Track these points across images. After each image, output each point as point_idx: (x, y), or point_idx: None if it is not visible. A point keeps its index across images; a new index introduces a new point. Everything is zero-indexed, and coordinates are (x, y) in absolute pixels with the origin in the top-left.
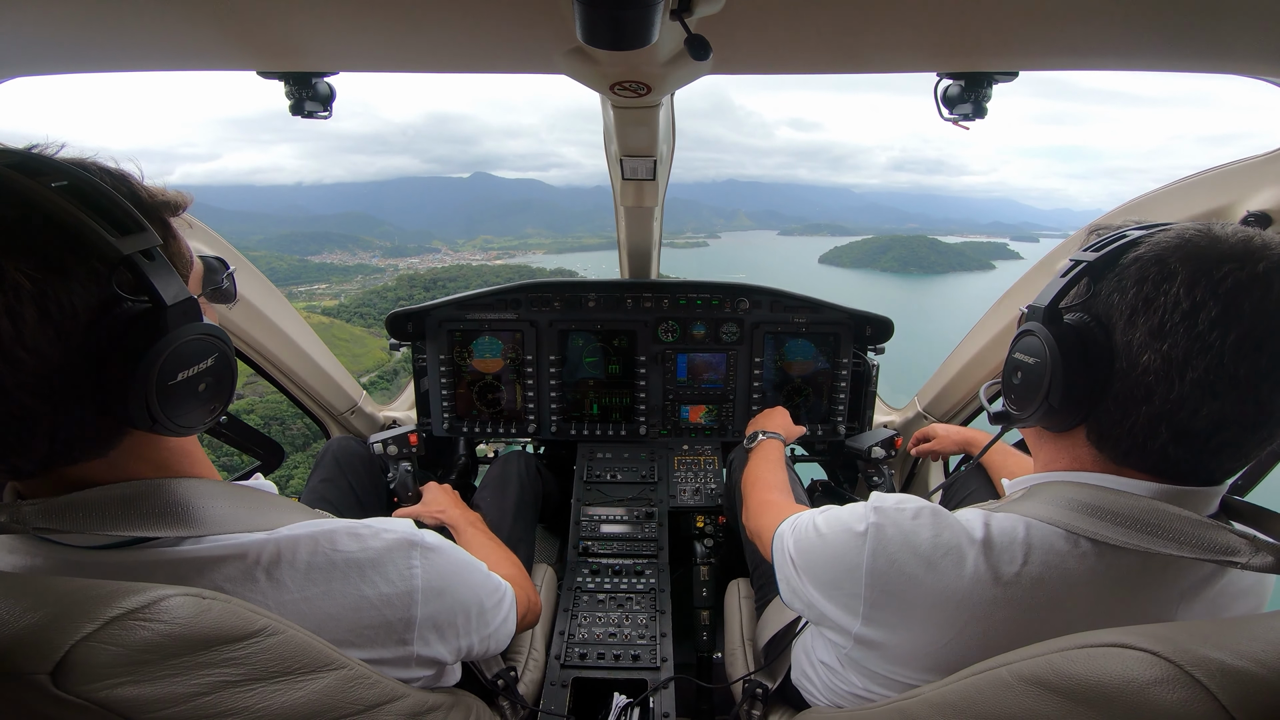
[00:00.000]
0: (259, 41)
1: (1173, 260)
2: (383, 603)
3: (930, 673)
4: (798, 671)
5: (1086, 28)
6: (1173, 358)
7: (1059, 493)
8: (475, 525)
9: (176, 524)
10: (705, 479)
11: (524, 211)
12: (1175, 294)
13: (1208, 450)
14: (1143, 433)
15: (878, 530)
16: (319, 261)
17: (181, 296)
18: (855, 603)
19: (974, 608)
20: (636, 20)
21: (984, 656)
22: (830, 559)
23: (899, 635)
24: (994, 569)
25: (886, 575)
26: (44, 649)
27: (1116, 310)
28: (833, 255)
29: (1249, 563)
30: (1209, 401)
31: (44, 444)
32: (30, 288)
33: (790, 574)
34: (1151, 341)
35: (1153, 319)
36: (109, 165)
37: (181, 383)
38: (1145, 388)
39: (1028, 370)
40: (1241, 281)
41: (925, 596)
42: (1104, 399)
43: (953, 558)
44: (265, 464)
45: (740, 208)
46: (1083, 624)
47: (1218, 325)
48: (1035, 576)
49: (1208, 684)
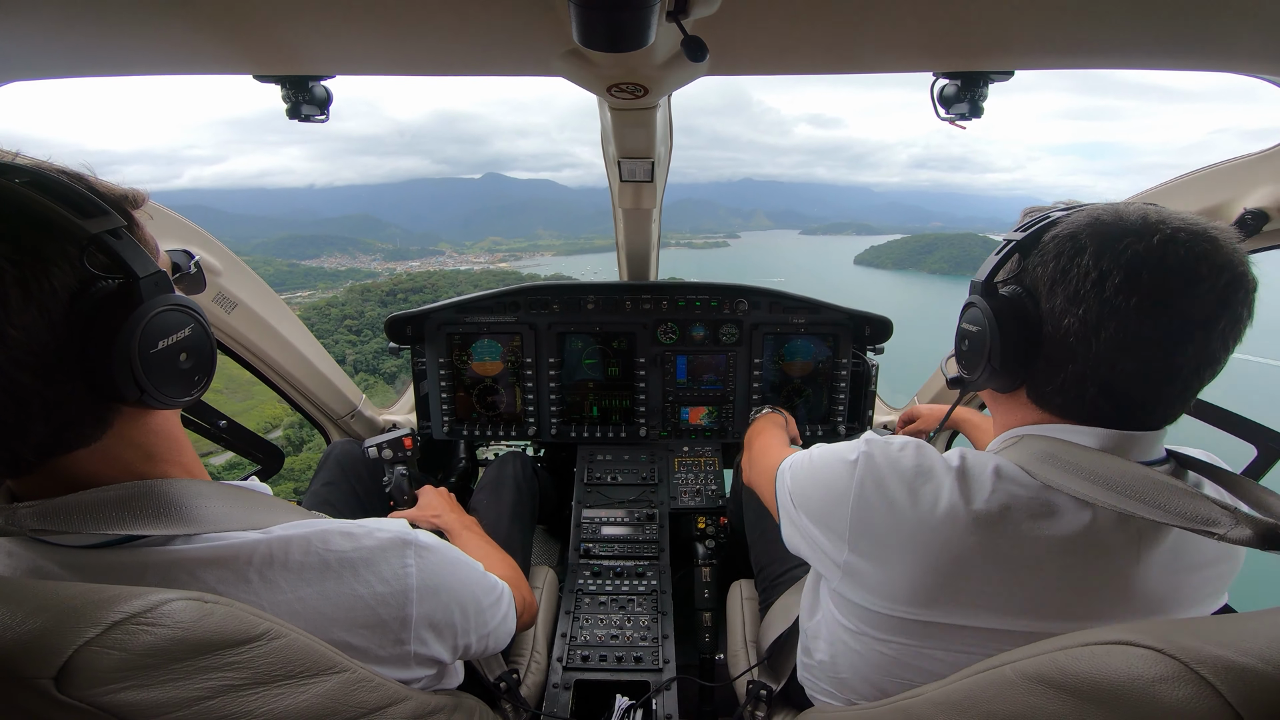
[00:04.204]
0: (255, 45)
1: (1083, 236)
2: (377, 602)
3: (912, 604)
4: (802, 669)
5: (1082, 26)
6: (1088, 320)
7: (1025, 446)
8: (471, 529)
9: (170, 523)
10: (706, 480)
11: (536, 213)
12: (1085, 265)
13: (1133, 403)
14: (1073, 389)
15: (867, 458)
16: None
17: (151, 269)
18: (843, 528)
19: (948, 532)
20: (633, 22)
21: (959, 589)
22: (823, 487)
23: (881, 563)
24: (966, 495)
25: (871, 501)
26: (47, 654)
27: (1041, 281)
28: (870, 256)
29: (1227, 535)
30: (1123, 358)
31: (41, 426)
32: (12, 270)
33: (789, 508)
34: (1069, 307)
35: (1069, 287)
36: (64, 167)
37: (162, 351)
38: (1069, 348)
39: (972, 337)
40: (1139, 252)
41: (904, 520)
42: (1037, 360)
43: (931, 484)
44: (265, 468)
45: (758, 207)
46: (1048, 560)
47: (1122, 290)
48: (1003, 505)
49: (1213, 681)
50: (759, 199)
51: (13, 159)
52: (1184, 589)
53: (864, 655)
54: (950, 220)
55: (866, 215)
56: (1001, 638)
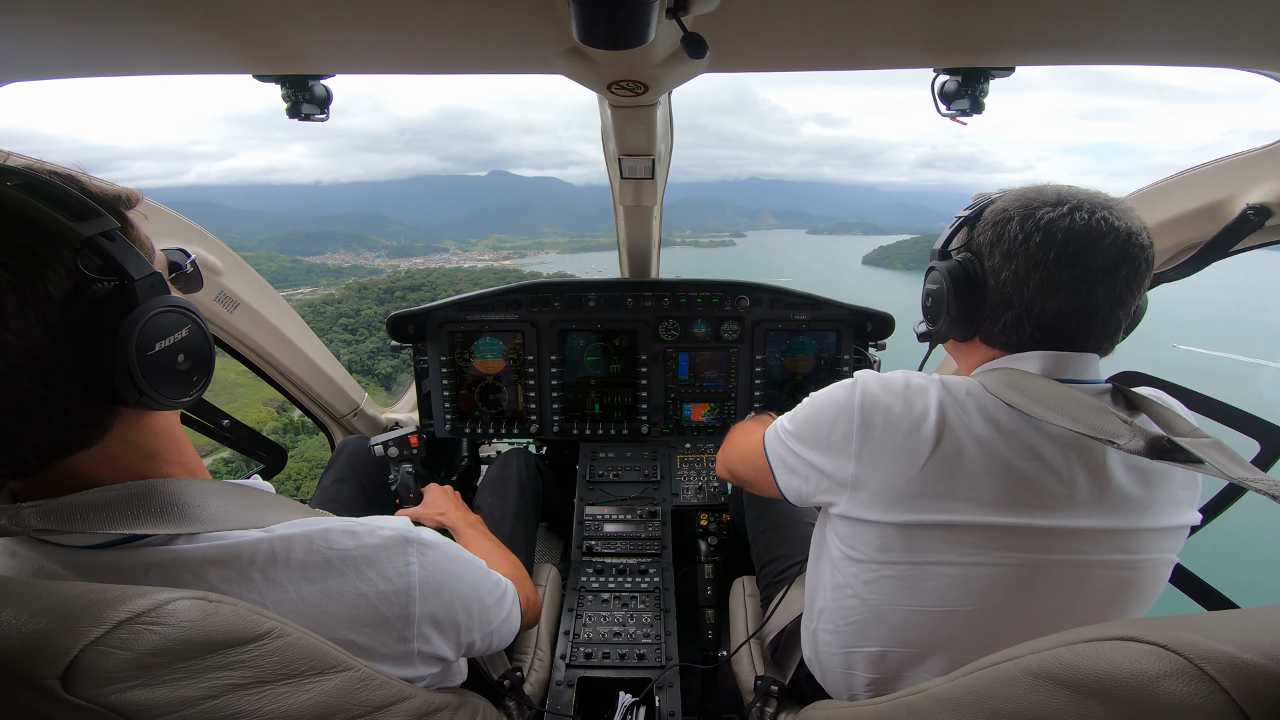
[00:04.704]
0: (254, 45)
1: (1011, 209)
2: (380, 600)
3: (912, 503)
4: (807, 643)
5: (1083, 22)
6: (1019, 273)
7: (987, 376)
8: (475, 527)
9: (172, 522)
10: (708, 477)
11: (541, 210)
12: (1014, 230)
13: (1063, 338)
14: (1014, 328)
15: (863, 380)
16: (315, 263)
17: (147, 271)
18: (848, 442)
19: (938, 429)
20: (632, 19)
21: (952, 483)
22: (824, 412)
23: (885, 465)
24: (951, 400)
25: (872, 409)
26: (53, 654)
27: (983, 246)
28: (878, 256)
29: (1124, 445)
30: (1048, 300)
31: (41, 428)
32: (6, 276)
33: (785, 452)
34: (1004, 264)
35: (1002, 248)
36: (56, 168)
37: (160, 353)
38: (1006, 297)
39: (934, 294)
40: (1053, 219)
41: (900, 423)
42: (984, 308)
43: (921, 393)
44: (268, 467)
45: (765, 206)
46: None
47: (1042, 247)
48: (979, 406)
49: (1217, 677)
50: (765, 198)
51: (4, 161)
52: (1154, 499)
53: (872, 585)
54: None
55: (873, 215)
56: (992, 535)
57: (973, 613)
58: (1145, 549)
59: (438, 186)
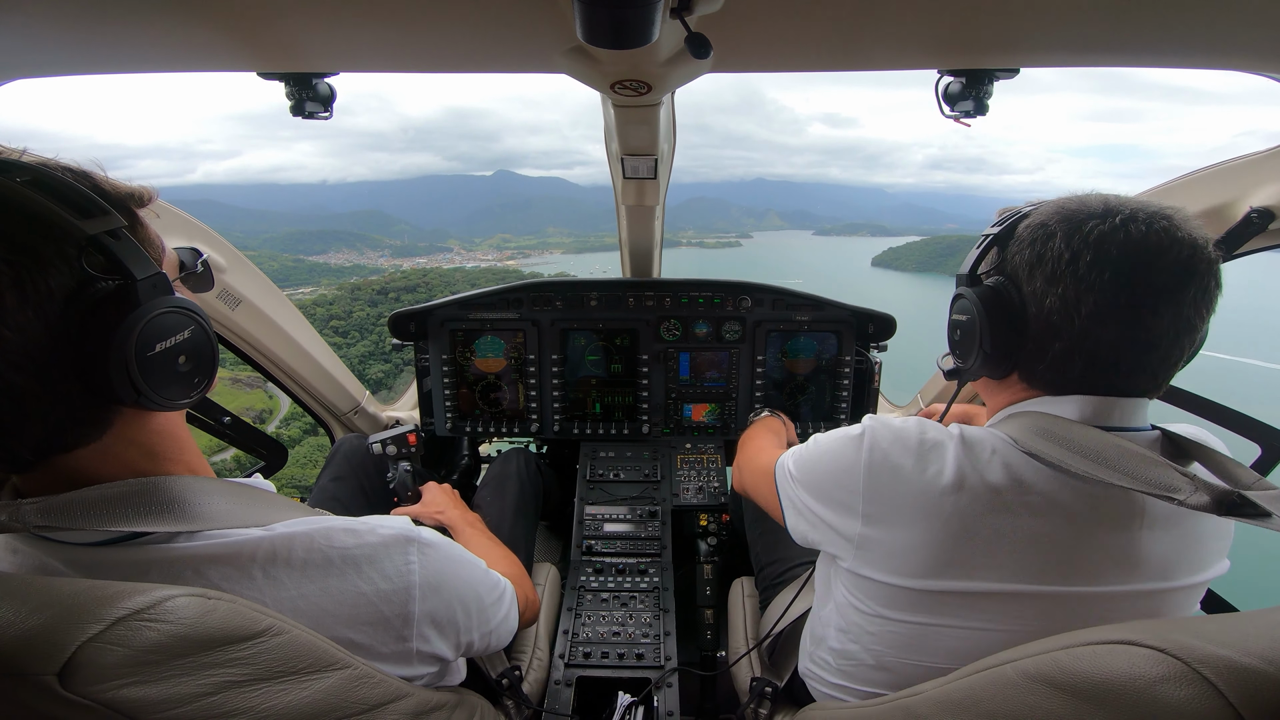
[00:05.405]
0: (258, 43)
1: (1052, 223)
2: (380, 599)
3: (925, 574)
4: (805, 660)
5: (1087, 24)
6: (1068, 298)
7: (1015, 422)
8: (474, 526)
9: (173, 520)
10: (708, 478)
11: (546, 210)
12: (1058, 248)
13: (1118, 374)
14: (1061, 363)
15: (872, 432)
16: (317, 262)
17: (150, 271)
18: (855, 500)
19: (956, 497)
20: (637, 19)
21: (970, 554)
22: (831, 465)
23: (895, 529)
24: (971, 460)
25: (881, 469)
26: (51, 650)
27: (1020, 268)
28: (888, 258)
29: (1186, 500)
30: (1103, 329)
31: (38, 426)
32: (7, 272)
33: (793, 493)
34: (1048, 288)
35: (1046, 269)
36: (70, 164)
37: (160, 354)
38: (1053, 327)
39: (964, 326)
40: (1104, 232)
41: (913, 487)
42: (1025, 342)
43: (937, 451)
44: (269, 465)
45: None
46: (1054, 525)
47: (1094, 267)
48: (1004, 465)
49: (1215, 681)
50: (772, 199)
51: (18, 156)
52: (1188, 553)
53: (879, 637)
54: (966, 222)
55: (880, 216)
56: (1011, 603)
57: None
58: (1174, 608)
59: (443, 186)
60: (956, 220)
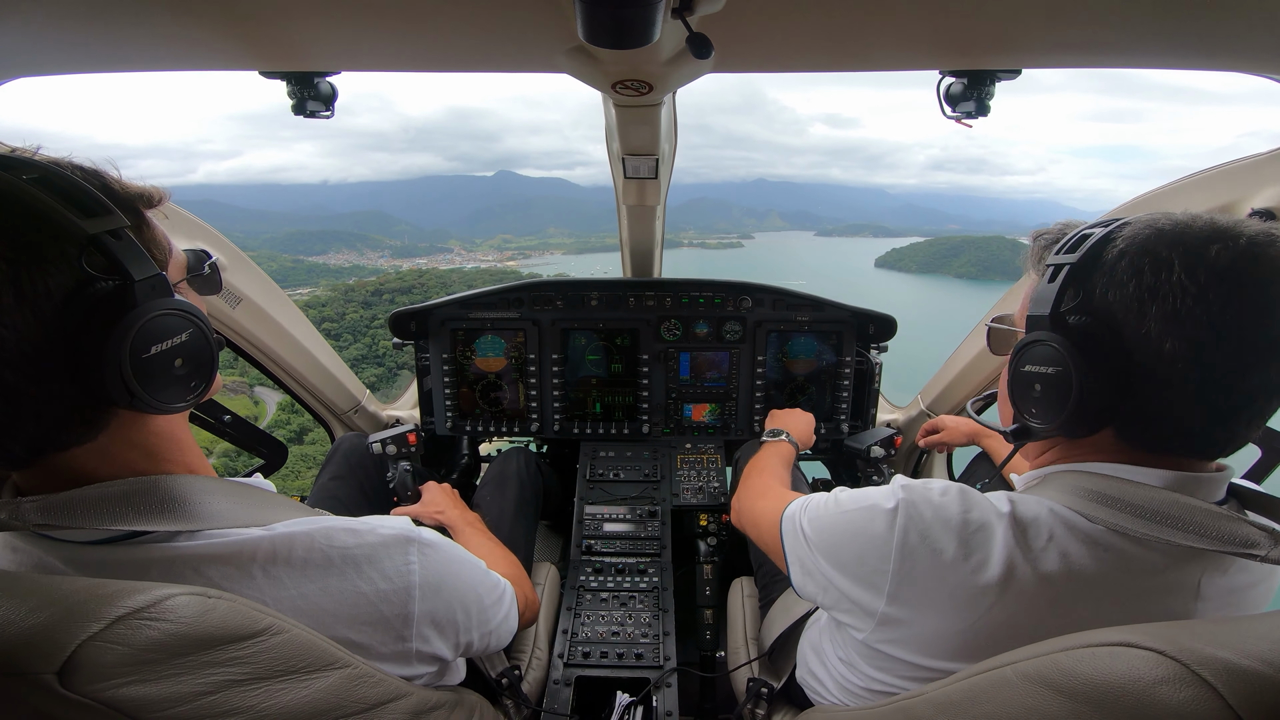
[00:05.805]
0: (260, 42)
1: (1160, 248)
2: (380, 599)
3: (953, 659)
4: (803, 669)
5: (1089, 25)
6: (1198, 339)
7: (1073, 481)
8: (474, 525)
9: (174, 519)
10: (708, 478)
11: (547, 210)
12: (1178, 279)
13: (1241, 422)
14: (1179, 415)
15: (909, 506)
16: (316, 262)
17: (150, 273)
18: (881, 580)
19: (1004, 590)
20: (638, 19)
21: (1009, 643)
22: (854, 534)
23: (925, 615)
24: (1022, 545)
25: (917, 551)
26: (50, 649)
27: (1120, 306)
28: (892, 259)
29: (1269, 555)
30: (1242, 375)
31: (31, 424)
32: (6, 269)
33: (804, 554)
34: (1169, 329)
35: (1164, 306)
36: (83, 163)
37: (156, 357)
38: (1174, 374)
39: (1048, 380)
40: (1235, 257)
41: (953, 575)
42: (1129, 396)
43: (983, 534)
44: (269, 464)
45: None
46: (1107, 609)
47: (1230, 301)
48: (1061, 554)
49: (1215, 683)
50: (773, 199)
51: (32, 155)
52: (1237, 610)
53: (881, 695)
54: (968, 223)
55: (882, 217)
56: None
57: None
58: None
59: (444, 186)
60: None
